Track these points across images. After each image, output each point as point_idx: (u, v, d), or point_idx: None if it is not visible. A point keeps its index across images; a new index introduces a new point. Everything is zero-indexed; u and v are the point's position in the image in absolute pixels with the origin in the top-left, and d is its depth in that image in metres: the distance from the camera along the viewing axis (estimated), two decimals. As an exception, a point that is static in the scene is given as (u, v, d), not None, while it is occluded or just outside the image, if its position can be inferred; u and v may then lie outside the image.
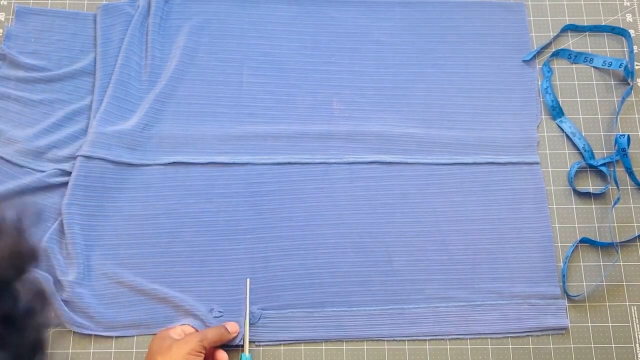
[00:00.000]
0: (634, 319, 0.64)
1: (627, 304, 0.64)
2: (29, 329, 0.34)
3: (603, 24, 0.74)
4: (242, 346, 0.61)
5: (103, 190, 0.65)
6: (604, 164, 0.68)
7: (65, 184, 0.65)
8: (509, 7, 0.75)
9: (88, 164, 0.65)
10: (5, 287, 0.34)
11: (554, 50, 0.73)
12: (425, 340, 0.63)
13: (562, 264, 0.65)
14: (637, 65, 0.73)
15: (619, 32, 0.74)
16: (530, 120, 0.70)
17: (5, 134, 0.67)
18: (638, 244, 0.66)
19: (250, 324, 0.62)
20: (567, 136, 0.70)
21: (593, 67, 0.73)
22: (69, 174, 0.65)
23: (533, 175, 0.68)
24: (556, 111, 0.70)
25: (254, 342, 0.62)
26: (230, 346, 0.61)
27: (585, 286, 0.65)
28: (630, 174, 0.68)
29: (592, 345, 0.63)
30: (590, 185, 0.69)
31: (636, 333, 0.63)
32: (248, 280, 0.64)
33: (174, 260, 0.64)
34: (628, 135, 0.68)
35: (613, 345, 0.63)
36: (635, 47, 0.73)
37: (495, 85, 0.72)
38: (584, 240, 0.66)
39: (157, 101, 0.69)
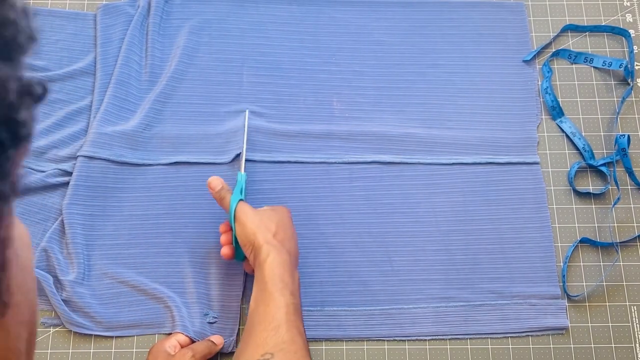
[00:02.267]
0: (634, 319, 0.64)
1: (627, 304, 0.64)
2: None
3: (603, 24, 0.74)
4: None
5: (104, 190, 0.65)
6: (604, 164, 0.68)
7: (66, 184, 0.65)
8: (509, 7, 0.75)
9: (89, 164, 0.65)
10: None
11: (554, 50, 0.73)
12: (425, 340, 0.63)
13: (562, 264, 0.65)
14: (637, 65, 0.73)
15: (619, 32, 0.74)
16: (530, 120, 0.70)
17: (5, 134, 0.67)
18: (638, 244, 0.66)
19: None
20: (567, 136, 0.70)
21: (593, 67, 0.73)
22: (69, 174, 0.65)
23: (533, 175, 0.68)
24: (556, 111, 0.70)
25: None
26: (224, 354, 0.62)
27: (585, 286, 0.65)
28: (630, 174, 0.68)
29: (592, 345, 0.63)
30: (590, 185, 0.69)
31: (636, 333, 0.63)
32: (247, 111, 0.68)
33: (175, 261, 0.64)
34: (628, 135, 0.68)
35: (613, 345, 0.63)
36: (635, 47, 0.73)
37: (495, 85, 0.72)
38: (584, 240, 0.66)
39: (157, 101, 0.69)
